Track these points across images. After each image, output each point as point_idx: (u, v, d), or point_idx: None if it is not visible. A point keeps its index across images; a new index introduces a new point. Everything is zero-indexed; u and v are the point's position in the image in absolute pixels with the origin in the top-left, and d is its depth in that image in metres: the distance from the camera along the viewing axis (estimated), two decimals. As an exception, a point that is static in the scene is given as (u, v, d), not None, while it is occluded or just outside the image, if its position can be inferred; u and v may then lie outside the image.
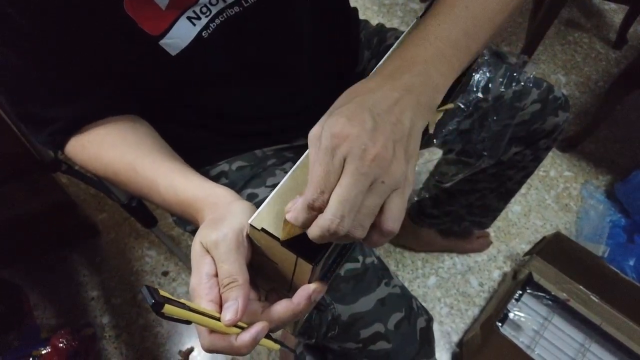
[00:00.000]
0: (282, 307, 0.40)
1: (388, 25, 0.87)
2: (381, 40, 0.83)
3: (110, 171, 0.54)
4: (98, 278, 1.31)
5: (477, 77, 0.83)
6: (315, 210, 0.35)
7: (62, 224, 1.28)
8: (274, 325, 0.40)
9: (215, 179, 0.69)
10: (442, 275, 1.34)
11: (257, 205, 0.46)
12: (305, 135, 0.81)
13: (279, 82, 0.65)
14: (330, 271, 0.47)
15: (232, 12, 0.52)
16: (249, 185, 0.67)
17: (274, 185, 0.67)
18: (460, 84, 0.73)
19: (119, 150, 0.53)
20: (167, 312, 0.34)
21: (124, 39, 0.49)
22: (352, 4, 0.78)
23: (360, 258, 0.63)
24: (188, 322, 0.37)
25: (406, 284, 1.31)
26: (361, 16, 0.86)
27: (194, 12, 0.49)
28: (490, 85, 0.82)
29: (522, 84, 0.82)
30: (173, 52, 0.51)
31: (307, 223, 0.36)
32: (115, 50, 0.50)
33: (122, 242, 1.38)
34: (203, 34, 0.51)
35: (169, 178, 0.50)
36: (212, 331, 0.39)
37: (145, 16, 0.47)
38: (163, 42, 0.50)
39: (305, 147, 0.78)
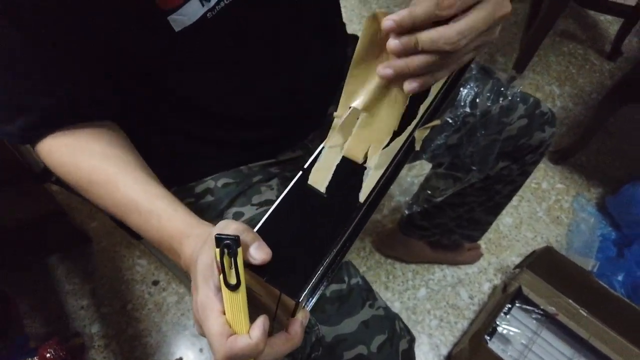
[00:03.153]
0: (280, 340, 0.41)
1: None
2: None
3: (85, 180, 0.52)
4: (88, 286, 1.31)
5: (464, 92, 0.83)
6: (444, 9, 0.39)
7: (52, 232, 1.28)
8: (272, 358, 0.41)
9: (201, 195, 0.69)
10: (432, 287, 1.34)
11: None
12: (291, 149, 0.81)
13: (267, 82, 0.65)
14: (317, 291, 0.48)
15: None
16: (234, 204, 0.67)
17: (260, 204, 0.67)
18: (448, 99, 0.74)
19: (101, 161, 0.52)
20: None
21: (136, 10, 0.48)
22: (349, 14, 0.78)
23: (346, 278, 0.63)
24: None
25: (396, 296, 1.31)
26: (357, 25, 0.87)
27: None
28: (477, 100, 0.82)
29: (509, 98, 0.82)
30: (177, 28, 0.50)
31: (418, 22, 0.39)
32: (122, 21, 0.49)
33: (113, 251, 1.38)
34: (208, 15, 0.51)
35: (153, 203, 0.49)
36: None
37: None
38: (171, 17, 0.49)
39: (290, 161, 0.78)
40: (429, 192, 1.05)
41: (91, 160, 0.52)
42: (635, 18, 1.71)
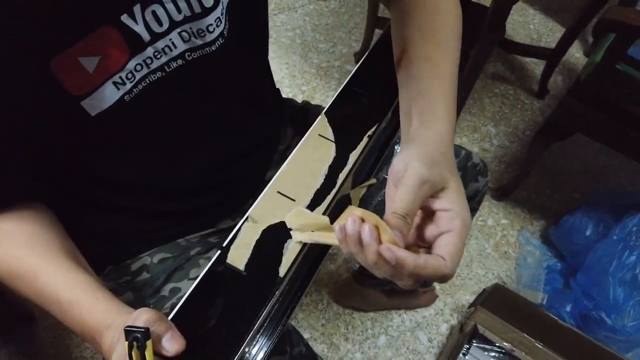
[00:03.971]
0: None
1: (326, 87, 0.90)
2: (305, 117, 0.86)
3: (6, 271, 0.50)
4: (33, 370, 1.24)
5: (398, 148, 0.86)
6: (405, 221, 0.42)
7: (-9, 315, 1.21)
8: None
9: (137, 273, 0.67)
10: (391, 333, 1.34)
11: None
12: (230, 217, 0.80)
13: (197, 155, 0.65)
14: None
15: (154, 77, 0.52)
16: (171, 280, 0.65)
17: (197, 278, 0.66)
18: (383, 157, 0.76)
19: (23, 250, 0.50)
20: None
21: (45, 97, 0.46)
22: (291, 69, 0.80)
23: (288, 349, 0.62)
24: None
25: (357, 347, 1.30)
26: (300, 79, 0.89)
27: (120, 77, 0.49)
28: None
29: None
30: (93, 112, 0.49)
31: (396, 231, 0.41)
32: (32, 109, 0.47)
33: (60, 328, 1.31)
34: (125, 98, 0.50)
35: (73, 293, 0.47)
36: None
37: (71, 78, 0.46)
38: (84, 102, 0.48)
39: (230, 229, 0.78)
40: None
41: (13, 251, 0.50)
42: (556, 59, 1.85)
